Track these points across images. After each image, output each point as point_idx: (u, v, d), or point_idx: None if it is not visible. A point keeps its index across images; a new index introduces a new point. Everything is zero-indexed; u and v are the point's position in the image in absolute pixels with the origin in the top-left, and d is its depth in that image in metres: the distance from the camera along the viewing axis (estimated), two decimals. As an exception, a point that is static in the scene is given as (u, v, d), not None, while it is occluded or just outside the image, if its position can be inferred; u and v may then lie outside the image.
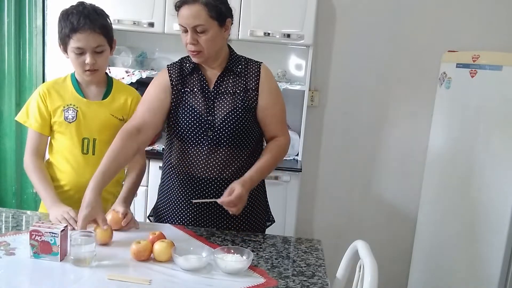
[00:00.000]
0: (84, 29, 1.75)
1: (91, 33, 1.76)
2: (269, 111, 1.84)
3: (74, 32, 1.75)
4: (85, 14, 1.77)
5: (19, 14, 3.09)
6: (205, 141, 1.79)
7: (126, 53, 3.12)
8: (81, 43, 1.76)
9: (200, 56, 1.76)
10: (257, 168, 1.78)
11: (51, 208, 1.75)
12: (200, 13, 1.68)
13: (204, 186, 1.80)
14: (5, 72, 3.10)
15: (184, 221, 1.87)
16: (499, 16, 3.09)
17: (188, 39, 1.71)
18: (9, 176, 3.20)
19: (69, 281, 1.42)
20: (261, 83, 1.82)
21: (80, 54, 1.78)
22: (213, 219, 1.85)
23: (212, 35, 1.71)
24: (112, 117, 1.90)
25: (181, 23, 1.72)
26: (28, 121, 1.87)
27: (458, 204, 2.84)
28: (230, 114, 1.78)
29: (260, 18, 2.87)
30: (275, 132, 1.88)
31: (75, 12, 1.77)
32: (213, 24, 1.70)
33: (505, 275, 2.55)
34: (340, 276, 1.67)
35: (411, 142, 3.27)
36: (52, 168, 1.91)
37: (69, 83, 1.90)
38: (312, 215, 3.41)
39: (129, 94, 1.96)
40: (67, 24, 1.76)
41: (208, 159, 1.79)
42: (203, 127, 1.79)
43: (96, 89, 1.91)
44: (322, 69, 3.23)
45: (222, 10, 1.73)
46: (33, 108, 1.86)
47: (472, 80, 2.74)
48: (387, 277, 2.99)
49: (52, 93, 1.87)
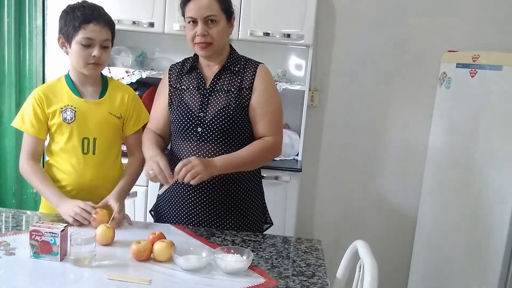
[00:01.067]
0: (97, 21, 1.78)
1: (102, 26, 1.79)
2: (258, 110, 1.83)
3: (87, 23, 1.76)
4: (95, 8, 1.81)
5: (19, 14, 3.08)
6: (194, 137, 1.81)
7: (126, 53, 3.12)
8: (92, 34, 1.77)
9: (209, 49, 1.78)
10: (230, 155, 1.75)
11: (59, 206, 1.76)
12: (212, 4, 1.74)
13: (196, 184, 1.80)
14: (5, 72, 3.10)
15: (178, 218, 1.88)
16: (499, 16, 3.09)
17: (199, 30, 1.74)
18: (9, 176, 3.20)
19: (69, 281, 1.42)
20: (256, 82, 1.83)
21: (87, 46, 1.79)
22: (208, 218, 1.85)
23: (222, 27, 1.77)
24: (111, 115, 1.90)
25: (191, 15, 1.75)
26: (24, 126, 1.86)
27: (458, 204, 2.84)
28: (221, 111, 1.79)
29: (260, 18, 2.87)
30: (264, 132, 1.84)
31: (85, 6, 1.80)
32: (222, 17, 1.77)
33: (505, 275, 2.55)
34: (340, 276, 1.67)
35: (411, 142, 3.27)
36: (53, 169, 1.91)
37: (64, 84, 1.89)
38: (312, 215, 3.41)
39: (125, 92, 1.96)
40: (76, 16, 1.77)
41: (196, 155, 1.80)
42: (193, 123, 1.81)
43: (92, 88, 1.91)
44: (322, 69, 3.23)
45: (230, 5, 1.80)
46: (29, 112, 1.85)
47: (472, 80, 2.74)
48: (387, 277, 2.99)
49: (48, 96, 1.86)
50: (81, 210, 1.71)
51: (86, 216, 1.70)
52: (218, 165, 1.71)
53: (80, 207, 1.72)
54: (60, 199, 1.78)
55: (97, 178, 1.89)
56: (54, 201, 1.79)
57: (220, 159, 1.74)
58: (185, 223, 1.87)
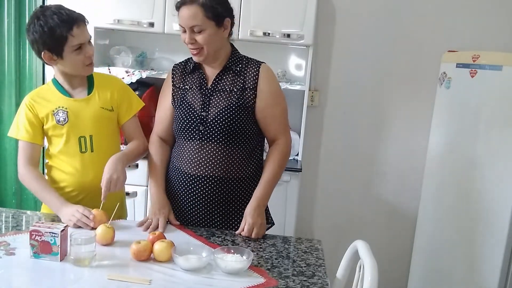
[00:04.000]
0: (78, 24, 1.76)
1: (84, 25, 1.79)
2: (268, 112, 1.85)
3: (70, 29, 1.74)
4: (68, 11, 1.77)
5: (19, 14, 3.09)
6: (196, 135, 1.82)
7: (126, 53, 3.12)
8: (80, 38, 1.77)
9: (200, 55, 1.80)
10: (264, 182, 1.84)
11: (61, 211, 1.76)
12: (197, 14, 1.73)
13: (197, 183, 1.81)
14: (5, 72, 3.11)
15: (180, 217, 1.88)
16: (499, 16, 3.09)
17: (186, 39, 1.77)
18: (9, 176, 3.21)
19: (69, 281, 1.42)
20: (260, 83, 1.83)
21: (79, 50, 1.78)
22: (208, 217, 1.85)
23: (208, 34, 1.76)
24: (103, 109, 1.90)
25: (180, 23, 1.78)
26: (19, 134, 1.86)
27: (458, 204, 2.84)
28: (223, 110, 1.80)
29: (260, 18, 2.87)
30: (275, 133, 1.89)
31: (57, 13, 1.73)
32: (209, 24, 1.75)
33: (505, 275, 2.55)
34: (340, 276, 1.67)
35: (411, 142, 3.27)
36: (53, 171, 1.91)
37: (52, 88, 1.89)
38: (312, 215, 3.41)
39: (112, 83, 1.97)
40: (57, 27, 1.72)
41: (198, 154, 1.81)
42: (195, 122, 1.82)
43: (80, 86, 1.91)
44: (322, 69, 3.23)
45: (218, 11, 1.76)
46: (22, 119, 1.85)
47: (472, 80, 2.74)
48: (387, 277, 2.99)
49: (39, 101, 1.86)
50: (81, 215, 1.71)
51: (86, 221, 1.70)
52: (265, 199, 1.85)
53: (80, 212, 1.72)
54: (61, 205, 1.77)
55: (99, 176, 1.88)
56: (55, 207, 1.79)
57: (263, 192, 1.83)
58: (186, 223, 1.88)
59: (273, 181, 1.87)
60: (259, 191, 1.83)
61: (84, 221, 1.70)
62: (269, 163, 1.88)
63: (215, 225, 1.87)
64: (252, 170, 1.89)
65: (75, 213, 1.72)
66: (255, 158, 1.90)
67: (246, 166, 1.86)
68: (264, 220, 1.82)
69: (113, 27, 2.93)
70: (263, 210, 1.82)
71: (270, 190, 1.86)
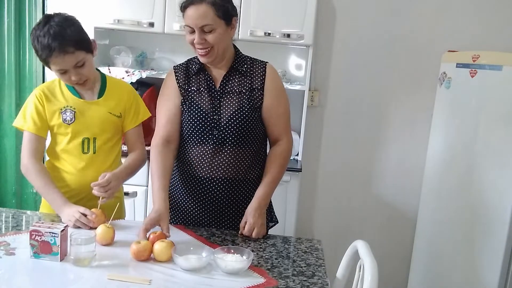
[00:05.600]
0: (57, 54, 1.70)
1: (65, 55, 1.71)
2: (274, 111, 1.84)
3: (49, 57, 1.71)
4: (53, 36, 1.68)
5: (19, 14, 3.09)
6: (210, 140, 1.79)
7: (126, 53, 3.12)
8: (60, 65, 1.74)
9: (209, 56, 1.74)
10: (266, 183, 1.82)
11: (61, 211, 1.76)
12: (208, 13, 1.67)
13: (208, 186, 1.81)
14: (5, 72, 3.11)
15: (187, 221, 1.88)
16: (499, 16, 3.09)
17: (196, 39, 1.70)
18: (9, 176, 3.21)
19: (69, 281, 1.42)
20: (267, 83, 1.82)
21: (63, 73, 1.77)
22: (217, 220, 1.86)
23: (220, 34, 1.71)
24: (110, 114, 1.90)
25: (188, 24, 1.71)
26: (25, 125, 1.84)
27: (458, 204, 2.84)
28: (236, 113, 1.78)
29: (260, 18, 2.87)
30: (278, 133, 1.88)
31: (43, 35, 1.69)
32: (220, 23, 1.70)
33: (505, 274, 2.55)
34: (340, 276, 1.67)
35: (411, 142, 3.27)
36: (54, 169, 1.91)
37: (62, 85, 1.88)
38: (312, 215, 3.41)
39: (123, 90, 1.96)
40: (39, 48, 1.71)
41: (213, 158, 1.79)
42: (208, 126, 1.78)
43: (91, 89, 1.90)
44: (322, 69, 3.23)
45: (228, 9, 1.73)
46: (31, 110, 1.84)
47: (472, 80, 2.74)
48: (387, 277, 2.99)
49: (49, 95, 1.86)
50: (80, 215, 1.71)
51: (85, 222, 1.70)
52: (266, 198, 1.82)
53: (80, 212, 1.72)
54: (62, 204, 1.77)
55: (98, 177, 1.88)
56: (56, 206, 1.79)
57: (262, 196, 1.80)
58: (186, 223, 1.88)
59: (275, 182, 1.85)
60: (260, 191, 1.81)
61: (83, 221, 1.70)
62: (272, 163, 1.86)
63: (216, 225, 1.86)
64: (259, 170, 1.88)
65: (75, 213, 1.72)
66: (261, 158, 1.90)
67: (253, 167, 1.85)
68: (264, 220, 1.81)
69: (113, 27, 2.93)
70: (264, 210, 1.81)
71: (271, 190, 1.85)
